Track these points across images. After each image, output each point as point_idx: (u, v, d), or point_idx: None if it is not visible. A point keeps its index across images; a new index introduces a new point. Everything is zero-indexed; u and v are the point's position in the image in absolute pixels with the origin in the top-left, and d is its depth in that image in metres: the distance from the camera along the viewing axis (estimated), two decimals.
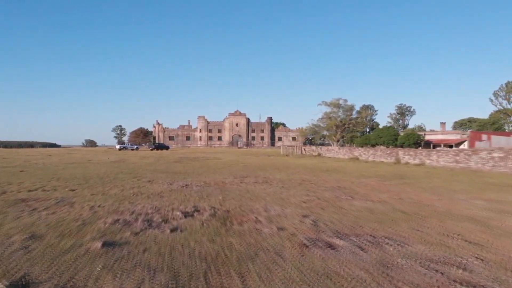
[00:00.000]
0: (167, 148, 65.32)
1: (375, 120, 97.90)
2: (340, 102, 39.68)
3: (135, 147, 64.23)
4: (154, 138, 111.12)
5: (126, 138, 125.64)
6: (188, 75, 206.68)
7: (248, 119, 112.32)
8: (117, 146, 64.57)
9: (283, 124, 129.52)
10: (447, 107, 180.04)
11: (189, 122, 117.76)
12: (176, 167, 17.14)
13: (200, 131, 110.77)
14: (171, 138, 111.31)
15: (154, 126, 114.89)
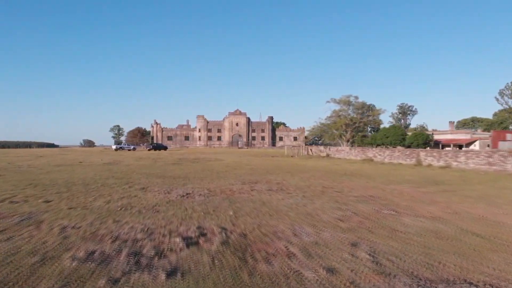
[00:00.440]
0: (165, 148, 63.62)
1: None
2: (350, 99, 37.46)
3: (132, 147, 62.47)
4: (152, 138, 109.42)
5: (124, 138, 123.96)
6: (187, 74, 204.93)
7: (248, 119, 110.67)
8: (113, 146, 62.85)
9: (284, 124, 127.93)
10: (447, 106, 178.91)
11: (187, 121, 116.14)
12: (174, 171, 15.55)
13: (199, 130, 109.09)
14: (169, 138, 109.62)
15: (152, 126, 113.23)
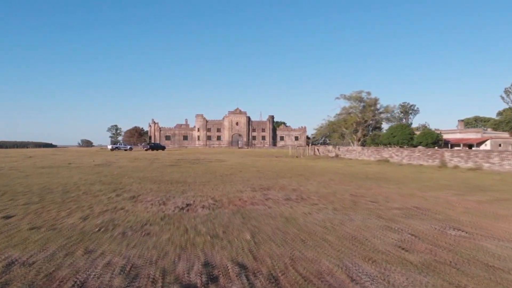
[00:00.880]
0: (163, 148, 61.91)
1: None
2: (362, 95, 35.30)
3: (128, 147, 60.69)
4: (150, 138, 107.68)
5: (122, 138, 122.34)
6: (186, 72, 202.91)
7: (248, 118, 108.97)
8: (109, 146, 61.12)
9: (284, 124, 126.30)
10: (447, 106, 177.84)
11: (186, 121, 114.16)
12: (172, 174, 13.95)
13: (198, 130, 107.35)
14: (167, 138, 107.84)
15: (149, 125, 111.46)
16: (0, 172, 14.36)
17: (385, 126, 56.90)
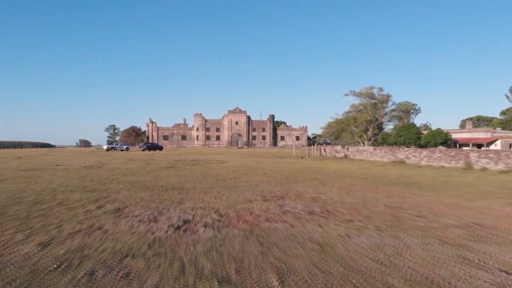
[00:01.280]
0: (161, 148, 60.33)
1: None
2: (373, 92, 33.14)
3: (124, 147, 59.04)
4: (147, 137, 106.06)
5: (119, 138, 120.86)
6: (185, 71, 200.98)
7: (248, 117, 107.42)
8: (104, 146, 59.49)
9: (284, 123, 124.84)
10: (448, 106, 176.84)
11: (185, 120, 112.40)
12: (168, 177, 12.49)
13: (197, 130, 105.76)
14: (165, 138, 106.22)
15: (147, 125, 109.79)
16: None
17: (387, 126, 55.39)
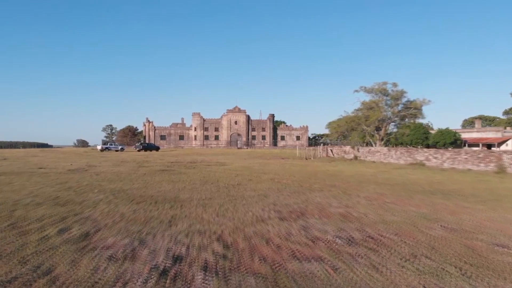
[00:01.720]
0: (157, 148, 58.57)
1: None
2: (386, 87, 30.86)
3: (119, 147, 57.28)
4: (144, 137, 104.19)
5: (115, 138, 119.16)
6: (183, 70, 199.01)
7: (248, 116, 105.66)
8: (98, 146, 57.63)
9: (284, 123, 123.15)
10: (449, 105, 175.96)
11: (182, 120, 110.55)
12: (161, 184, 10.84)
13: (195, 129, 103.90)
14: (162, 138, 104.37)
15: (144, 125, 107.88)
16: None
17: (393, 125, 53.49)
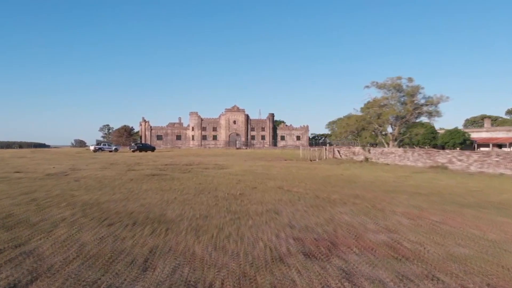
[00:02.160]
0: (153, 149, 56.68)
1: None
2: (400, 82, 28.51)
3: (113, 148, 55.34)
4: (140, 137, 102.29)
5: (110, 138, 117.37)
6: (181, 69, 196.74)
7: (247, 116, 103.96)
8: (91, 147, 55.74)
9: (283, 122, 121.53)
10: (450, 105, 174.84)
11: (180, 119, 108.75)
12: (146, 195, 9.13)
13: (193, 129, 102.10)
14: (159, 138, 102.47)
15: (140, 125, 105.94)
16: None
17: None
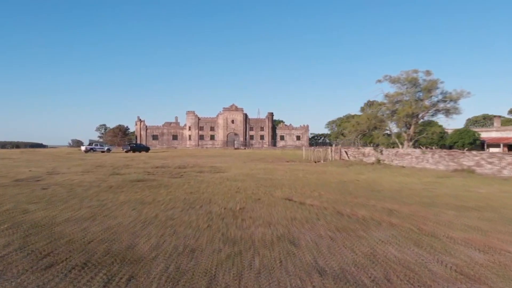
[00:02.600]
0: (147, 149, 54.67)
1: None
2: (417, 76, 25.66)
3: (106, 148, 53.24)
4: (136, 137, 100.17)
5: (104, 138, 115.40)
6: (178, 67, 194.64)
7: (245, 115, 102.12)
8: (82, 147, 53.68)
9: (282, 122, 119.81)
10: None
11: (176, 118, 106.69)
12: (121, 209, 7.33)
13: (189, 128, 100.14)
14: (154, 138, 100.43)
15: (136, 124, 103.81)
16: None
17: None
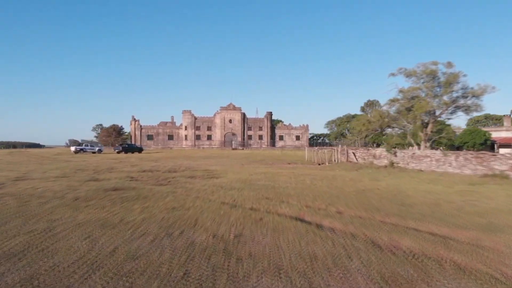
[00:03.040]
0: (140, 150, 52.64)
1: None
2: (436, 68, 22.80)
3: (96, 149, 51.04)
4: (131, 137, 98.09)
5: (98, 138, 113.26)
6: (174, 66, 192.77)
7: (243, 114, 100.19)
8: (72, 148, 51.60)
9: (281, 121, 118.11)
10: None
11: (172, 118, 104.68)
12: (72, 236, 5.50)
13: (186, 128, 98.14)
14: (149, 137, 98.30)
15: (131, 124, 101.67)
16: None
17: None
